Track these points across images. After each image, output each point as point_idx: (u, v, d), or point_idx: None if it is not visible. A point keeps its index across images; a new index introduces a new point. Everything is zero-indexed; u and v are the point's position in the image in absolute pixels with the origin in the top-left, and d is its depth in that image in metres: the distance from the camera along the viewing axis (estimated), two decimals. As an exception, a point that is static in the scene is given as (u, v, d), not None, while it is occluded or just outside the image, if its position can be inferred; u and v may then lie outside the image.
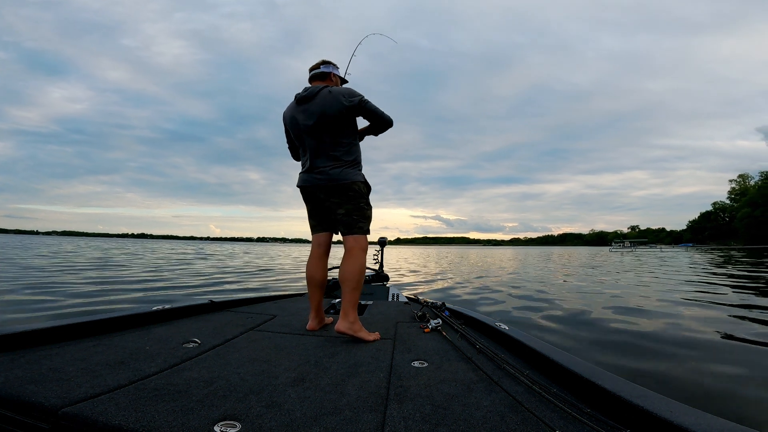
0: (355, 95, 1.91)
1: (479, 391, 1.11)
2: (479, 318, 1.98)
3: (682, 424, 0.76)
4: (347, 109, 1.88)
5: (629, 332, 3.03)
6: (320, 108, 1.88)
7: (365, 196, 1.97)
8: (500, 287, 6.41)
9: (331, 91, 1.90)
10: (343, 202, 1.90)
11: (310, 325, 1.93)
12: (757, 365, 2.21)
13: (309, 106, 1.91)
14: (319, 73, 2.04)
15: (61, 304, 4.00)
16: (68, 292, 4.81)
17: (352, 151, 1.95)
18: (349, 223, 1.91)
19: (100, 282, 6.01)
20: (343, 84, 2.14)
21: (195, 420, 0.87)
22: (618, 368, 2.17)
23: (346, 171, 1.90)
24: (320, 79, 2.05)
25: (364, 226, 1.93)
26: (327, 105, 1.87)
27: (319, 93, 1.91)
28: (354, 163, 1.95)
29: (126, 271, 8.17)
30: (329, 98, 1.88)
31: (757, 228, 60.33)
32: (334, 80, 2.06)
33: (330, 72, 2.05)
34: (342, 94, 1.89)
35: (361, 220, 1.92)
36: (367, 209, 1.97)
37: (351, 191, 1.90)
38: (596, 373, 1.07)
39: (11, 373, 1.07)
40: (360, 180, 1.95)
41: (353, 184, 1.91)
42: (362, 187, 1.95)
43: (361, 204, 1.93)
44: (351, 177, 1.91)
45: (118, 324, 1.70)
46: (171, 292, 5.25)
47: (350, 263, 1.86)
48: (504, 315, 3.98)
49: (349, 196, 1.90)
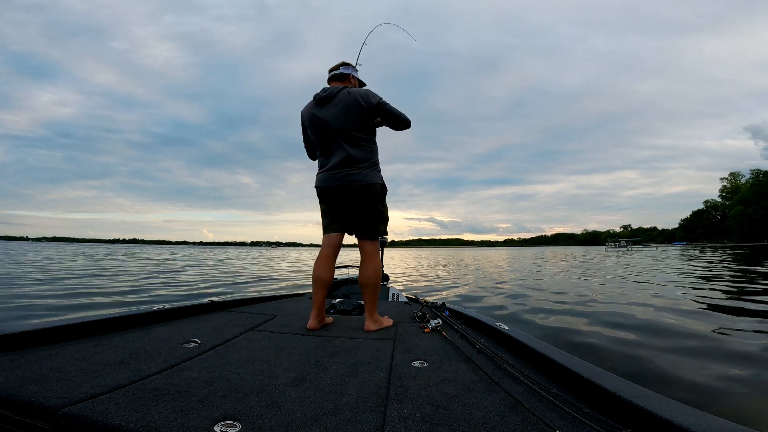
0: (374, 97, 1.92)
1: (479, 391, 1.11)
2: (479, 318, 1.98)
3: (682, 424, 0.76)
4: (366, 110, 1.90)
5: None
6: (340, 108, 1.89)
7: (382, 198, 1.98)
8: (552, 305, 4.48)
9: (351, 92, 1.92)
10: (361, 204, 1.91)
11: (310, 324, 1.92)
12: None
13: (329, 106, 1.93)
14: (338, 74, 2.05)
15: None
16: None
17: (371, 152, 1.96)
18: (365, 225, 1.92)
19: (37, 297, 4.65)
20: (361, 86, 2.15)
21: (195, 420, 0.87)
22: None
23: (365, 172, 1.90)
24: (339, 80, 2.06)
25: (380, 229, 1.95)
26: (347, 106, 1.88)
27: (338, 94, 1.93)
28: (373, 164, 1.95)
29: (94, 282, 6.57)
30: (349, 99, 1.89)
31: (750, 226, 60.62)
32: (353, 82, 2.08)
33: (349, 73, 2.06)
34: (361, 95, 1.91)
35: (378, 223, 1.94)
36: (384, 211, 1.98)
37: (369, 193, 1.91)
38: (596, 373, 1.07)
39: (11, 373, 1.07)
40: (378, 182, 1.95)
41: (372, 186, 1.91)
42: (380, 189, 1.96)
43: (378, 207, 1.94)
44: (370, 179, 1.91)
45: (118, 324, 1.70)
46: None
47: (370, 267, 1.90)
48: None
49: (367, 198, 1.90)
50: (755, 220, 59.50)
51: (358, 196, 1.90)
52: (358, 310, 2.48)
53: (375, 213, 1.93)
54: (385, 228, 1.98)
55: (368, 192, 1.90)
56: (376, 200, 1.93)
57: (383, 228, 1.97)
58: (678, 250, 34.51)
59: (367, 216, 1.92)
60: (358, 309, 2.49)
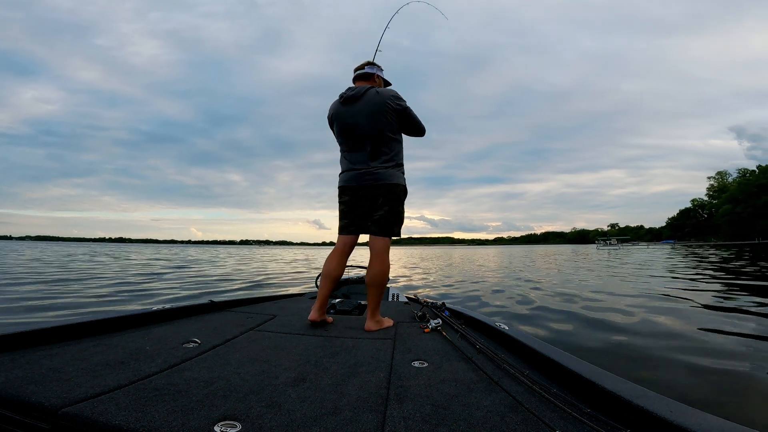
0: (402, 99, 1.93)
1: (479, 391, 1.11)
2: (479, 318, 1.98)
3: (682, 424, 0.76)
4: (395, 111, 1.91)
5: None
6: (367, 108, 1.89)
7: (403, 199, 1.99)
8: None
9: (379, 92, 1.92)
10: (383, 203, 1.91)
11: (312, 315, 1.90)
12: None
13: (356, 105, 1.93)
14: (364, 74, 2.06)
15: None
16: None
17: (395, 153, 1.97)
18: (384, 224, 1.92)
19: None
20: (386, 86, 2.15)
21: (195, 420, 0.87)
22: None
23: (391, 172, 1.92)
24: (364, 80, 2.06)
25: (396, 230, 1.96)
26: (375, 106, 1.89)
27: (366, 93, 1.93)
28: (397, 165, 1.96)
29: (53, 290, 5.57)
30: (377, 99, 1.90)
31: (739, 224, 60.86)
32: (378, 81, 2.08)
33: (374, 73, 2.07)
34: (390, 96, 1.91)
35: (396, 223, 1.95)
36: (403, 213, 1.99)
37: (392, 193, 1.91)
38: (596, 373, 1.07)
39: (11, 373, 1.07)
40: (402, 183, 1.96)
41: (396, 186, 1.92)
42: (402, 191, 1.97)
43: (399, 208, 1.95)
44: (394, 179, 1.92)
45: (118, 324, 1.70)
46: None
47: (378, 266, 1.90)
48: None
49: (390, 198, 1.91)
50: (744, 218, 59.86)
51: (382, 195, 1.91)
52: (358, 310, 2.48)
53: (395, 213, 1.94)
54: (399, 229, 1.99)
55: (392, 192, 1.91)
56: (398, 200, 1.94)
57: (398, 229, 1.98)
58: (669, 249, 34.50)
59: (389, 215, 1.92)
60: (358, 309, 2.49)
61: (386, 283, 1.94)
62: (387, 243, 1.94)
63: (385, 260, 1.92)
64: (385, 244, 1.94)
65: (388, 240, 1.94)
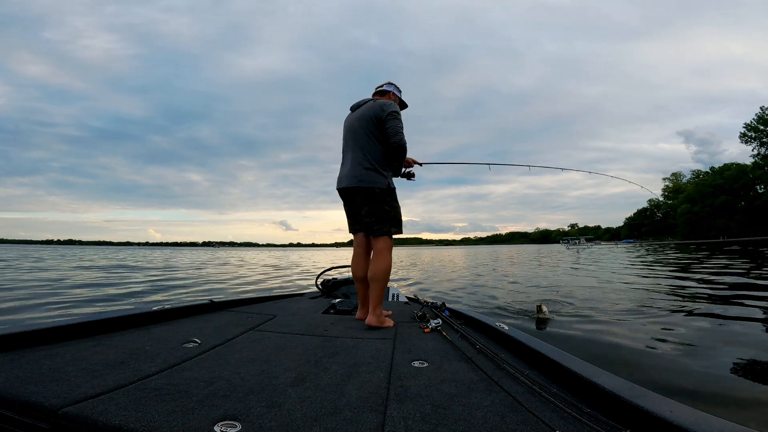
0: (390, 108, 2.02)
1: (479, 391, 1.11)
2: (479, 318, 1.99)
3: (682, 424, 0.76)
4: (377, 118, 2.03)
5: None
6: (362, 113, 2.06)
7: (389, 199, 2.05)
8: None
9: (376, 101, 2.08)
10: (362, 204, 2.02)
11: (358, 315, 2.14)
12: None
13: (357, 112, 2.12)
14: (380, 90, 2.24)
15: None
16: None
17: (378, 157, 2.05)
18: (370, 225, 2.02)
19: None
20: (400, 104, 2.28)
21: (195, 420, 0.87)
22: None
23: (370, 175, 2.01)
24: (380, 95, 2.23)
25: (383, 228, 2.02)
26: (366, 111, 2.06)
27: (366, 102, 2.13)
28: (378, 168, 2.04)
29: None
30: (372, 106, 2.06)
31: (696, 223, 62.17)
32: (392, 98, 2.21)
33: (390, 91, 2.23)
34: (380, 104, 2.05)
35: (380, 222, 2.01)
36: (391, 210, 2.05)
37: (371, 195, 2.00)
38: (596, 373, 1.07)
39: (11, 373, 1.07)
40: (381, 185, 2.03)
41: (373, 188, 2.01)
42: (382, 191, 2.03)
43: (383, 207, 2.02)
44: (372, 181, 2.01)
45: (118, 324, 1.70)
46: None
47: (377, 263, 1.99)
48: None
49: (369, 200, 2.00)
50: (701, 217, 61.24)
51: (360, 197, 2.02)
52: (358, 310, 2.49)
53: (378, 212, 2.01)
54: (390, 227, 2.05)
55: (370, 193, 2.00)
56: (378, 201, 2.01)
57: (388, 227, 2.04)
58: (630, 247, 34.41)
59: (369, 216, 2.02)
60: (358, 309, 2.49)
61: (387, 279, 2.00)
62: (385, 241, 2.02)
63: (385, 257, 1.99)
64: (383, 242, 2.02)
65: (385, 238, 2.02)
